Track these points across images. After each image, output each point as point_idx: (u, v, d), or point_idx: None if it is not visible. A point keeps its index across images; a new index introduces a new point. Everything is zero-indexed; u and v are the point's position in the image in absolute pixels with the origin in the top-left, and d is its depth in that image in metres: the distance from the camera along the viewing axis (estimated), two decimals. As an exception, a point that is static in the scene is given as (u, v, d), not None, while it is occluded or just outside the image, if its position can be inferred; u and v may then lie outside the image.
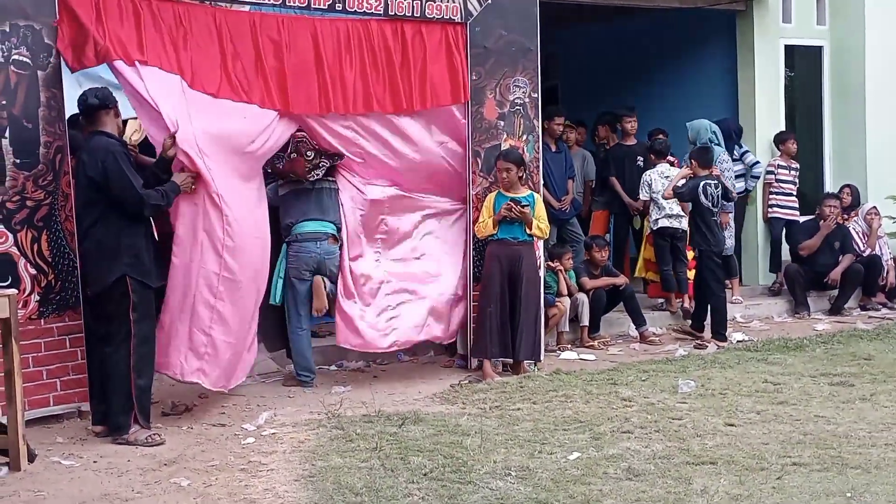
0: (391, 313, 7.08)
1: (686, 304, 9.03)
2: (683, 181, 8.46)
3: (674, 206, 8.85)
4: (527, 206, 7.11)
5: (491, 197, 7.24)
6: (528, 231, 7.16)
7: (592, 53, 12.36)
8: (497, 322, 7.06)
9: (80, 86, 5.93)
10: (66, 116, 5.78)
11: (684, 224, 8.83)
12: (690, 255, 8.96)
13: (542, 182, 7.85)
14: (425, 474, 4.63)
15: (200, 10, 6.27)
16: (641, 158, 9.72)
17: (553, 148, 9.00)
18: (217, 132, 6.01)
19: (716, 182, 8.40)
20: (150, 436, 5.38)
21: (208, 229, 5.84)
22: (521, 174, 7.21)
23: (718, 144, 9.45)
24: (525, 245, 7.19)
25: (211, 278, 5.86)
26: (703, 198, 8.29)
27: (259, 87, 6.41)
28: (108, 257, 5.35)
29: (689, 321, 8.65)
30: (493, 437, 5.27)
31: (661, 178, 8.94)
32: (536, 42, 7.58)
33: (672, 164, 9.22)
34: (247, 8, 6.50)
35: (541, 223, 7.24)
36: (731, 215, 9.47)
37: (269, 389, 6.75)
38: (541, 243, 7.57)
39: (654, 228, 8.98)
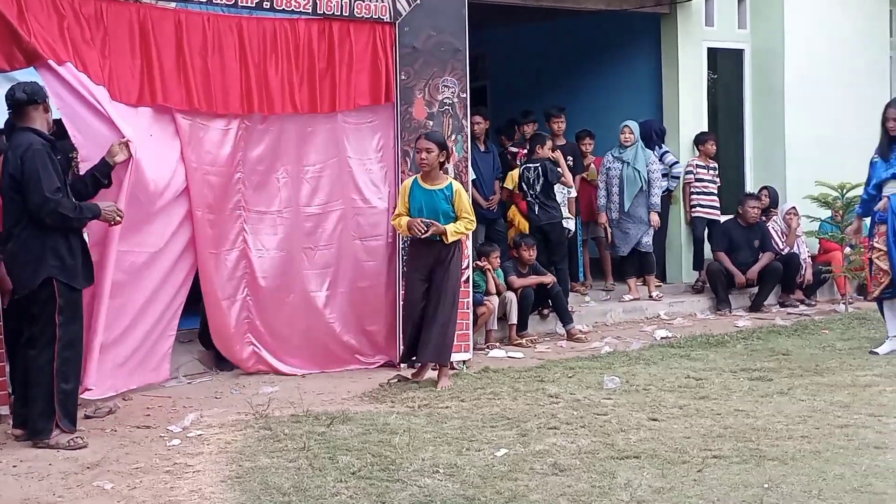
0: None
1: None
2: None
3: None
4: (431, 224, 6.62)
5: (407, 185, 6.79)
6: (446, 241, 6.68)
7: (521, 54, 12.48)
8: (416, 329, 6.76)
9: (-2, 84, 5.80)
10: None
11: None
12: None
13: (471, 182, 7.89)
14: (353, 473, 4.63)
15: (124, 7, 6.19)
16: (571, 158, 9.85)
17: (482, 148, 9.06)
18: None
19: (537, 166, 8.87)
20: (72, 439, 5.27)
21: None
22: (442, 159, 6.73)
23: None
24: (444, 245, 6.69)
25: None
26: (522, 184, 9.00)
27: (182, 89, 6.39)
28: (34, 259, 5.19)
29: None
30: (421, 435, 5.30)
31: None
32: (465, 42, 7.63)
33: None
34: (172, 5, 6.44)
35: (466, 218, 6.73)
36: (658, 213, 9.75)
37: (195, 390, 6.67)
38: (469, 242, 7.60)
39: None
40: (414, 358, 6.91)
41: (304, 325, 7.18)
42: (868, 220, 7.79)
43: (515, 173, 9.21)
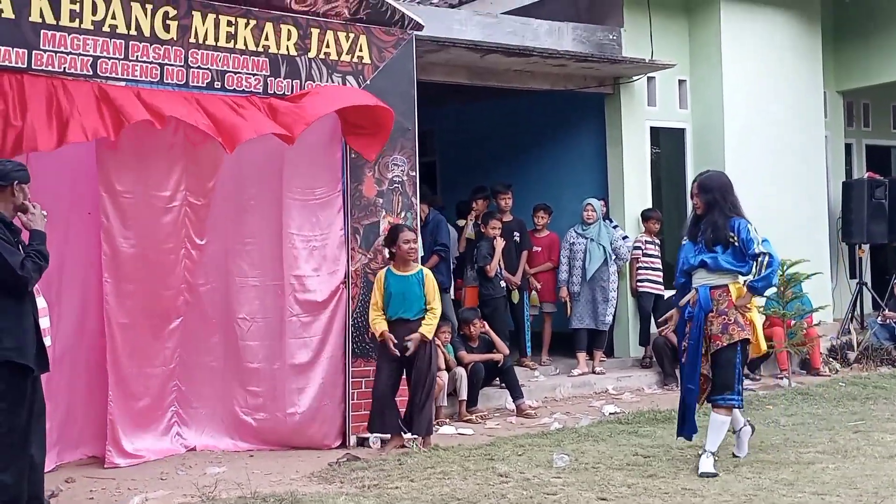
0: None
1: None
2: None
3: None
4: (409, 340, 7.16)
5: (381, 276, 7.25)
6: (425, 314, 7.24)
7: (469, 131, 12.69)
8: (392, 400, 7.14)
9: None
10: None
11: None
12: None
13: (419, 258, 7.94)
14: (302, 559, 4.58)
15: (86, 86, 6.24)
16: (518, 234, 9.99)
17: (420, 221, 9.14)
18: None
19: (478, 245, 9.60)
20: (12, 526, 5.10)
21: None
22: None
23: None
24: (418, 323, 7.23)
25: None
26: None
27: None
28: None
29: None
30: (371, 517, 5.25)
31: None
32: (414, 122, 7.76)
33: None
34: (122, 83, 6.47)
35: (433, 308, 7.29)
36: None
37: (140, 471, 6.54)
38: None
39: None
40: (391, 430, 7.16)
41: (233, 398, 7.25)
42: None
43: None
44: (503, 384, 8.87)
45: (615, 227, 10.42)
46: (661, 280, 10.49)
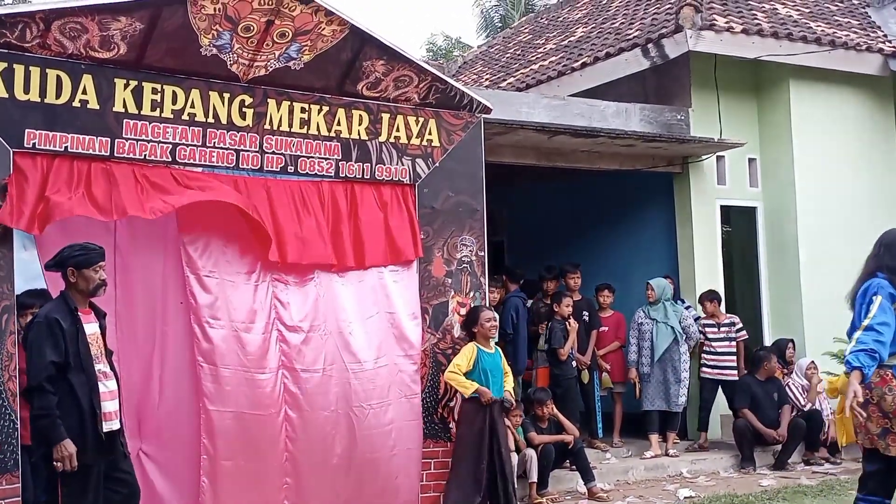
0: None
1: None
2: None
3: None
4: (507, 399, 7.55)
5: (473, 348, 7.36)
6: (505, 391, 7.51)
7: (537, 210, 12.73)
8: (485, 475, 7.20)
9: (25, 248, 5.90)
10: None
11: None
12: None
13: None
14: None
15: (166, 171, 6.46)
16: (587, 313, 9.92)
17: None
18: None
19: (551, 326, 9.49)
20: None
21: None
22: None
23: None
24: (498, 402, 7.40)
25: None
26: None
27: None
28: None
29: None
30: None
31: None
32: (483, 203, 7.83)
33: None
34: (199, 169, 6.66)
35: (509, 372, 7.70)
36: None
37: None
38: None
39: None
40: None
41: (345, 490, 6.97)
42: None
43: None
44: (574, 466, 8.72)
45: (688, 307, 10.26)
46: (726, 364, 10.08)
